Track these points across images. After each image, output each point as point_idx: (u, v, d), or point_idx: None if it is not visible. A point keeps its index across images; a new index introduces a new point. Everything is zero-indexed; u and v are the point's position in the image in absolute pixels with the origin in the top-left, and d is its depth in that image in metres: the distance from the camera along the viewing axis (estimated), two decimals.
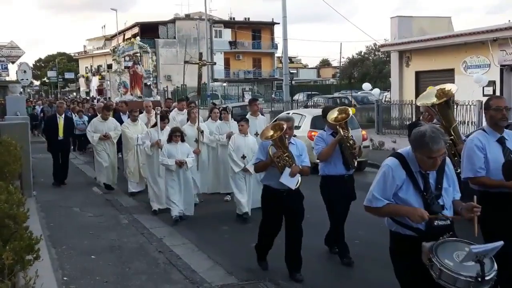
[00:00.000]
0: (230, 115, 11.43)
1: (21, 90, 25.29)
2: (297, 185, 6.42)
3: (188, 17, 66.62)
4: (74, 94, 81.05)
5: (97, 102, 29.44)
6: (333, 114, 6.84)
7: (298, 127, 13.13)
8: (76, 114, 20.16)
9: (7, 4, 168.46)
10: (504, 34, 19.32)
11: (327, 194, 7.09)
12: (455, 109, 17.03)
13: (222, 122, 11.22)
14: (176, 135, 9.56)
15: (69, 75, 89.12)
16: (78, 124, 18.54)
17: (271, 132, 6.32)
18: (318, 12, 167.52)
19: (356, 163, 7.05)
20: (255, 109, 11.37)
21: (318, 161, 7.13)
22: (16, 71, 25.06)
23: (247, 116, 10.87)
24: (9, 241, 3.65)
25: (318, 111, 15.43)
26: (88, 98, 52.25)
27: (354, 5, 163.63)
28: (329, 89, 54.15)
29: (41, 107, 29.13)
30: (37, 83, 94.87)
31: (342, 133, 6.71)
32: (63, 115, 13.60)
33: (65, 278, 6.48)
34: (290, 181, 6.29)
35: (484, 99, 13.75)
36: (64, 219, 9.68)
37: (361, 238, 7.89)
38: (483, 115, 15.79)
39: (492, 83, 20.16)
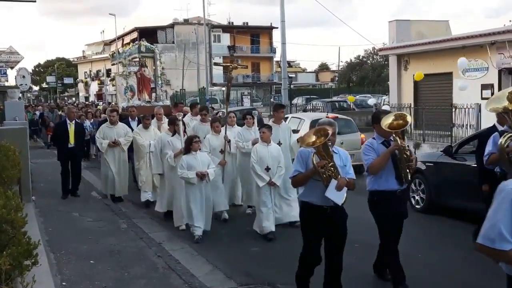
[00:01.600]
0: (255, 121, 10.38)
1: (20, 95, 25.34)
2: (344, 201, 5.59)
3: (186, 22, 66.72)
4: (73, 99, 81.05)
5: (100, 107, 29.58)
6: (387, 120, 5.92)
7: (297, 131, 13.11)
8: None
9: (7, 9, 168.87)
10: (502, 37, 19.34)
11: (377, 212, 6.23)
12: (453, 112, 17.09)
13: (244, 128, 10.14)
14: (197, 141, 8.67)
15: (68, 80, 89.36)
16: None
17: (313, 138, 5.43)
18: (316, 17, 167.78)
19: (409, 176, 6.14)
20: (280, 117, 10.00)
21: (366, 173, 6.26)
22: (15, 76, 25.13)
23: (269, 123, 9.85)
24: (7, 246, 3.64)
25: (317, 115, 15.46)
26: (89, 103, 52.35)
27: (353, 9, 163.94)
28: (328, 93, 54.28)
29: (40, 112, 28.86)
30: (36, 88, 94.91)
31: (399, 142, 5.84)
32: (73, 121, 12.42)
33: (64, 283, 6.47)
34: (337, 195, 5.42)
35: (483, 102, 13.80)
36: (63, 224, 9.66)
37: (360, 242, 7.88)
38: (482, 118, 15.72)
39: (490, 86, 20.18)
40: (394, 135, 5.88)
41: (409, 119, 5.98)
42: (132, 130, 11.92)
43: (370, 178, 6.18)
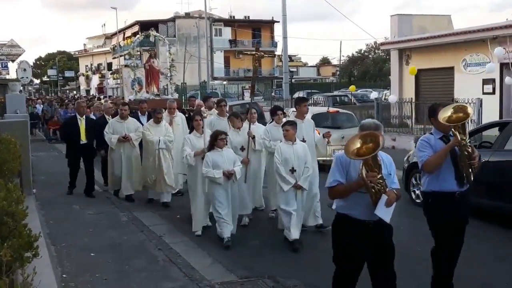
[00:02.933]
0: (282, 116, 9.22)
1: (21, 88, 25.34)
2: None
3: (188, 15, 66.60)
4: (74, 92, 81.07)
5: (103, 101, 29.25)
6: (445, 113, 5.29)
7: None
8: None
9: (10, 2, 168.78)
10: (504, 32, 19.32)
11: (432, 217, 5.58)
12: None
13: (272, 125, 9.07)
14: (223, 138, 7.96)
15: (69, 74, 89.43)
16: None
17: (358, 145, 4.52)
18: (318, 11, 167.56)
19: (472, 177, 5.45)
20: (303, 111, 8.95)
21: (424, 171, 5.57)
22: (16, 69, 25.13)
23: (292, 118, 8.92)
24: (8, 238, 3.65)
25: (318, 109, 15.42)
26: (94, 96, 52.21)
27: (355, 3, 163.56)
28: (329, 87, 54.21)
29: (41, 106, 28.68)
30: (37, 81, 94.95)
31: (458, 138, 5.21)
32: (84, 116, 11.65)
33: (64, 276, 6.49)
34: (386, 212, 4.66)
35: (484, 97, 13.77)
36: (63, 217, 9.67)
37: None
38: (483, 112, 15.68)
39: (491, 81, 20.17)
40: (453, 129, 5.27)
41: (470, 111, 5.34)
42: (143, 125, 11.21)
43: (426, 178, 5.59)
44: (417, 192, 10.24)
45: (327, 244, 7.10)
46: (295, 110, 9.43)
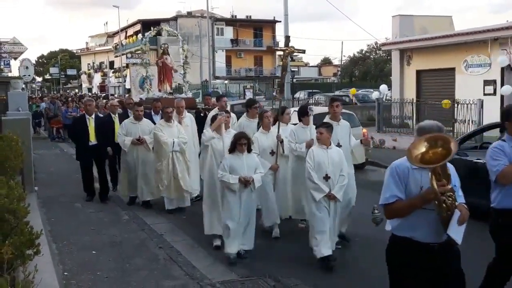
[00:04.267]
0: (311, 118, 8.39)
1: (23, 86, 25.33)
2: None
3: (190, 14, 66.60)
4: (76, 90, 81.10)
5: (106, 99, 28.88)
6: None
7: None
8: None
9: (13, 1, 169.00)
10: (505, 33, 19.32)
11: (504, 240, 4.82)
12: (455, 108, 17.09)
13: (299, 127, 8.38)
14: (242, 143, 7.15)
15: (71, 72, 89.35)
16: None
17: (424, 149, 3.70)
18: (319, 11, 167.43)
19: None
20: (338, 112, 8.04)
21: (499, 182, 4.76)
22: (19, 67, 25.10)
23: (328, 120, 7.87)
24: (9, 235, 3.67)
25: (320, 109, 15.40)
26: (96, 94, 52.13)
27: (357, 4, 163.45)
28: (330, 87, 54.21)
29: (42, 105, 28.31)
30: (39, 79, 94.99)
31: None
32: (93, 115, 10.96)
33: (65, 273, 6.51)
34: (458, 231, 3.87)
35: (485, 98, 13.75)
36: (65, 215, 9.70)
37: (361, 236, 7.90)
38: (484, 113, 15.69)
39: (493, 82, 20.17)
40: None
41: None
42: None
43: (497, 192, 4.79)
44: None
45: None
46: (296, 111, 9.04)
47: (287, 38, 8.62)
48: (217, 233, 7.69)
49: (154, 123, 10.54)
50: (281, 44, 12.69)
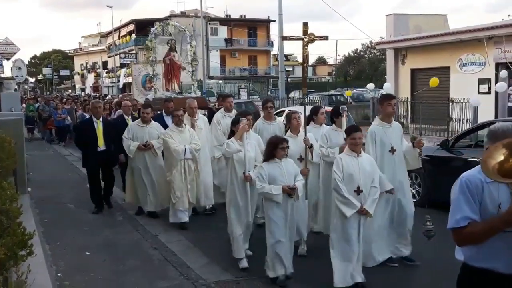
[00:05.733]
0: (345, 119, 7.40)
1: (16, 86, 25.09)
2: None
3: (183, 14, 66.53)
4: (69, 91, 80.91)
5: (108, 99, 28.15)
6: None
7: None
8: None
9: (6, 1, 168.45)
10: (500, 31, 19.35)
11: None
12: (450, 107, 17.13)
13: (332, 129, 7.55)
14: (283, 147, 6.27)
15: (64, 72, 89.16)
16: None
17: (502, 157, 2.95)
18: (314, 11, 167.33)
19: None
20: (390, 112, 6.91)
21: None
22: (11, 67, 24.96)
23: (374, 123, 6.95)
24: (2, 236, 3.62)
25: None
26: (88, 94, 51.92)
27: (352, 3, 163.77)
28: (325, 87, 54.32)
29: (37, 105, 27.44)
30: (32, 80, 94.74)
31: None
32: (101, 119, 10.02)
33: (59, 274, 6.46)
34: None
35: (480, 97, 13.72)
36: (58, 216, 9.64)
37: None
38: (478, 112, 15.70)
39: (487, 81, 20.21)
40: None
41: None
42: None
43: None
44: (413, 191, 10.24)
45: (325, 243, 6.76)
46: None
47: (305, 25, 7.22)
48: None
49: (166, 125, 9.63)
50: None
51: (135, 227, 8.82)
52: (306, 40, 7.14)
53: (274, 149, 6.27)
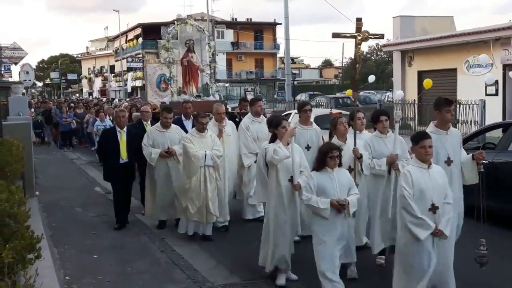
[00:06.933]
0: (398, 125, 6.57)
1: (24, 91, 25.14)
2: None
3: (190, 18, 66.69)
4: (77, 95, 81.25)
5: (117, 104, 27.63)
6: None
7: None
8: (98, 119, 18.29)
9: (14, 5, 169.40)
10: (507, 33, 19.29)
11: None
12: (457, 108, 17.07)
13: (376, 136, 6.77)
14: (333, 155, 5.64)
15: (71, 76, 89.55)
16: (99, 130, 15.42)
17: None
18: (320, 13, 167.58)
19: None
20: (448, 118, 6.10)
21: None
22: (19, 72, 25.07)
23: (429, 130, 5.98)
24: (10, 240, 3.65)
25: (321, 111, 15.40)
26: (97, 98, 51.84)
27: (358, 5, 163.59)
28: (332, 89, 54.24)
29: (46, 109, 26.83)
30: (40, 84, 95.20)
31: None
32: (125, 129, 9.06)
33: (67, 278, 6.48)
34: None
35: (487, 99, 13.68)
36: (66, 219, 9.67)
37: None
38: (486, 114, 15.65)
39: (494, 82, 20.14)
40: None
41: None
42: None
43: None
44: None
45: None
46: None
47: (359, 21, 6.55)
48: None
49: (186, 131, 8.95)
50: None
51: (142, 230, 8.82)
52: (359, 38, 6.56)
53: (324, 157, 5.69)
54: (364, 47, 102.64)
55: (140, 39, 65.77)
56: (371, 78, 25.50)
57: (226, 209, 8.66)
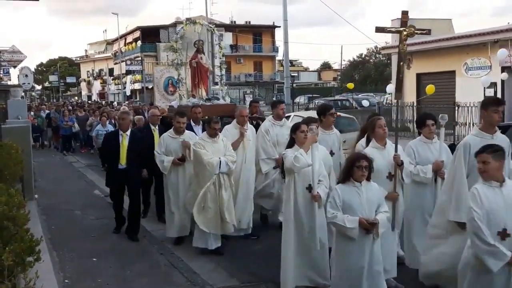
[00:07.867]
0: (443, 130, 6.24)
1: (23, 94, 25.08)
2: None
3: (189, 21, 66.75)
4: (76, 98, 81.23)
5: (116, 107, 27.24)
6: None
7: None
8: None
9: (15, 9, 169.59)
10: (505, 35, 19.34)
11: None
12: (456, 111, 17.09)
13: (420, 140, 6.38)
14: (362, 166, 4.98)
15: (70, 80, 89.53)
16: (99, 136, 14.91)
17: None
18: (319, 16, 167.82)
19: None
20: (495, 120, 5.39)
21: None
22: (18, 75, 25.07)
23: (472, 133, 5.55)
24: (9, 242, 3.65)
25: None
26: (97, 101, 51.84)
27: (358, 8, 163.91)
28: (330, 92, 54.32)
29: (46, 112, 26.70)
30: (38, 87, 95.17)
31: None
32: (128, 132, 8.65)
33: (66, 281, 6.48)
34: None
35: None
36: (65, 222, 9.67)
37: None
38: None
39: (493, 84, 20.18)
40: None
41: None
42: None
43: None
44: None
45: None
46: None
47: (405, 15, 6.14)
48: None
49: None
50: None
51: (141, 233, 8.80)
52: (405, 33, 6.14)
53: (351, 167, 5.03)
54: (363, 49, 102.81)
55: (139, 42, 65.76)
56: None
57: (249, 216, 8.19)
